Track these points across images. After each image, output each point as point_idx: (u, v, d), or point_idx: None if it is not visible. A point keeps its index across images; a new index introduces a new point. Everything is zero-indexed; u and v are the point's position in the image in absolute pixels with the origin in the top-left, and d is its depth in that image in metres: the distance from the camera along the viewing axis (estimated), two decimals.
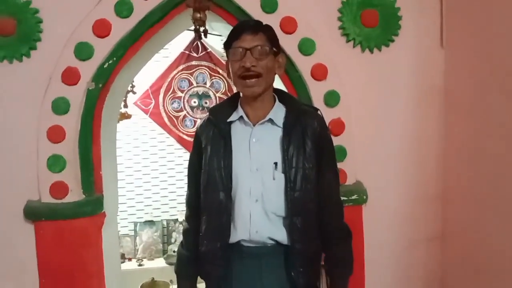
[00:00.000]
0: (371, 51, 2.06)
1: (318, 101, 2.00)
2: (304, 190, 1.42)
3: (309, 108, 1.59)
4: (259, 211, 1.42)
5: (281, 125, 1.45)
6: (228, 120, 1.48)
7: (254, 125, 1.46)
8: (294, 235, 1.42)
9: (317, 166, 1.46)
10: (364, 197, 2.04)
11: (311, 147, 1.45)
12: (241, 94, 1.50)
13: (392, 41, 2.06)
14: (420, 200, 2.15)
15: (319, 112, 1.55)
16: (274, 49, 1.43)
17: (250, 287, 1.45)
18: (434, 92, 2.11)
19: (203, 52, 4.09)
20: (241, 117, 1.47)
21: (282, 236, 1.43)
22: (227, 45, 1.43)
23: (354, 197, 2.01)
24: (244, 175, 1.43)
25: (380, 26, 2.04)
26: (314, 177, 1.45)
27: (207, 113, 1.54)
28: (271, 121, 1.46)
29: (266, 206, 1.42)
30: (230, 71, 1.44)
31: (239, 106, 1.49)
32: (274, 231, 1.43)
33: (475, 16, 1.89)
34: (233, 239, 1.44)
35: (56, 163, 1.90)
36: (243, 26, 1.45)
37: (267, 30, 1.44)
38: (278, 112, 1.48)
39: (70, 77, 1.88)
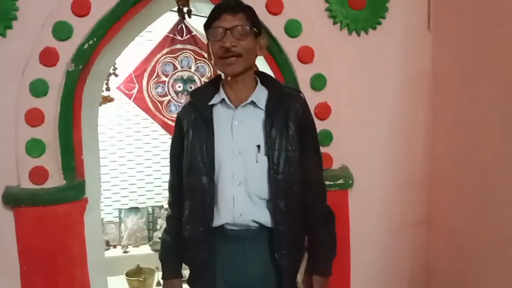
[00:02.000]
0: (358, 34, 2.03)
1: (304, 84, 1.97)
2: (287, 173, 1.42)
3: (292, 90, 1.58)
4: (243, 194, 1.42)
5: (264, 108, 1.45)
6: (210, 103, 1.46)
7: (236, 107, 1.44)
8: (277, 218, 1.42)
9: (300, 149, 1.45)
10: (350, 181, 2.03)
11: (294, 129, 1.44)
12: (222, 76, 1.48)
13: (380, 24, 2.03)
14: (406, 185, 2.15)
15: (301, 94, 1.54)
16: (255, 29, 1.41)
17: (234, 270, 1.45)
18: (421, 75, 2.10)
19: (188, 36, 4.02)
20: (223, 99, 1.46)
21: (265, 218, 1.43)
22: (207, 26, 1.42)
23: (340, 181, 2.00)
24: (227, 158, 1.42)
25: (367, 8, 2.01)
26: (297, 160, 1.45)
27: (189, 97, 1.51)
28: (253, 103, 1.45)
29: (250, 189, 1.41)
30: (211, 52, 1.42)
31: (220, 89, 1.47)
32: (258, 213, 1.43)
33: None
34: (217, 222, 1.43)
35: (35, 147, 1.84)
36: (223, 6, 1.43)
37: (248, 11, 1.42)
38: (260, 94, 1.47)
39: (48, 58, 1.81)
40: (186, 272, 1.53)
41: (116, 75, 3.31)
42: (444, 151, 2.07)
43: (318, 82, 1.99)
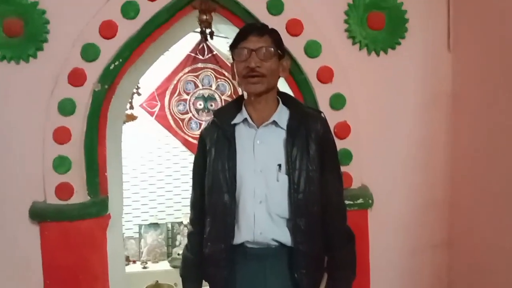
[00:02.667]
0: (378, 54, 2.04)
1: (324, 104, 1.99)
2: (308, 192, 1.43)
3: (313, 111, 1.60)
4: (263, 212, 1.43)
5: (285, 127, 1.47)
6: (233, 122, 1.49)
7: (258, 127, 1.47)
8: (297, 237, 1.43)
9: (321, 169, 1.47)
10: (370, 201, 2.02)
11: (315, 149, 1.46)
12: (245, 96, 1.51)
13: (399, 44, 2.05)
14: (426, 205, 2.13)
15: (322, 115, 1.55)
16: (279, 51, 1.45)
17: None
18: (441, 96, 2.09)
19: (209, 55, 4.11)
20: (245, 119, 1.49)
21: (285, 237, 1.44)
22: (233, 46, 1.46)
23: (359, 201, 2.00)
24: (248, 177, 1.44)
25: (386, 29, 2.03)
26: (317, 180, 1.46)
27: (212, 116, 1.55)
28: (275, 123, 1.47)
29: (270, 207, 1.43)
30: (235, 71, 1.46)
31: (243, 108, 1.51)
32: (278, 232, 1.44)
33: (483, 20, 1.87)
34: (237, 240, 1.45)
35: (61, 164, 1.90)
36: (250, 28, 1.48)
37: (273, 33, 1.47)
38: (282, 114, 1.49)
39: (76, 78, 1.89)
40: None
41: (139, 94, 3.40)
42: (464, 171, 2.04)
43: (337, 102, 2.00)
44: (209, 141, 1.51)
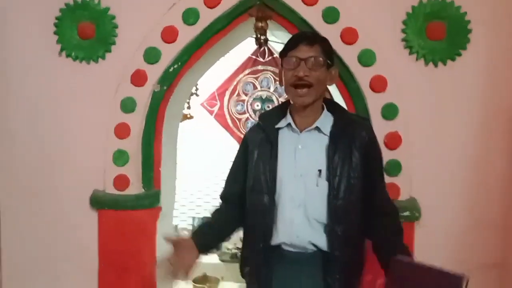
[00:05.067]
0: (435, 65, 1.98)
1: (375, 113, 1.97)
2: (347, 199, 1.43)
3: (358, 118, 1.59)
4: (301, 216, 1.44)
5: (328, 134, 1.48)
6: (276, 127, 1.52)
7: (301, 132, 1.49)
8: (334, 243, 1.43)
9: (365, 177, 1.46)
10: (417, 214, 1.97)
11: (358, 157, 1.46)
12: (291, 102, 1.54)
13: (459, 55, 1.97)
14: (478, 224, 2.03)
15: (368, 123, 1.54)
16: (328, 61, 1.46)
17: None
18: (502, 113, 1.98)
19: (270, 57, 4.18)
20: (289, 124, 1.51)
21: (322, 242, 1.44)
22: (283, 54, 1.48)
23: (406, 213, 1.95)
24: (288, 180, 1.46)
25: (447, 39, 1.96)
26: (359, 188, 1.45)
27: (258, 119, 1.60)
28: (317, 129, 1.48)
29: (308, 212, 1.44)
30: (283, 79, 1.48)
31: (288, 114, 1.53)
32: (315, 237, 1.45)
33: None
34: (275, 241, 1.47)
35: (120, 157, 2.05)
36: (300, 36, 1.50)
37: (323, 43, 1.48)
38: (326, 120, 1.50)
39: (138, 79, 2.03)
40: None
41: (197, 95, 3.54)
42: None
43: (389, 112, 1.97)
44: (252, 143, 1.55)
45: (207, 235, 1.59)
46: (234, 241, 3.60)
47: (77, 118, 2.10)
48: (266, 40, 1.99)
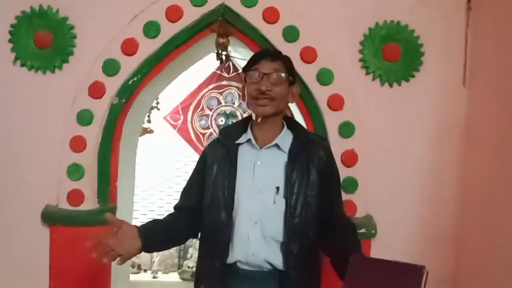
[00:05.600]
0: (391, 85, 2.05)
1: (332, 131, 2.01)
2: (304, 217, 1.44)
3: (317, 137, 1.62)
4: (258, 233, 1.44)
5: (287, 151, 1.49)
6: (237, 142, 1.52)
7: (261, 148, 1.50)
8: (289, 261, 1.43)
9: (322, 196, 1.48)
10: (373, 231, 2.01)
11: (316, 175, 1.47)
12: (253, 117, 1.55)
13: (413, 76, 2.05)
14: (433, 239, 2.09)
15: (326, 142, 1.57)
16: (290, 78, 1.49)
17: None
18: (454, 131, 2.07)
19: (234, 73, 4.21)
20: (249, 139, 1.51)
21: (278, 260, 1.44)
22: (246, 68, 1.51)
23: (362, 230, 1.98)
24: (246, 197, 1.46)
25: (401, 61, 2.04)
26: (315, 206, 1.46)
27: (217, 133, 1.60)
28: (277, 146, 1.50)
29: (265, 229, 1.44)
30: (246, 93, 1.50)
31: (248, 129, 1.54)
32: (271, 255, 1.44)
33: (500, 56, 1.86)
34: (231, 259, 1.46)
35: (75, 171, 1.99)
36: (264, 52, 1.54)
37: (286, 60, 1.52)
38: (285, 138, 1.52)
39: (96, 91, 1.99)
40: None
41: (158, 109, 3.51)
42: (474, 207, 2.00)
43: (346, 130, 2.02)
44: (211, 157, 1.54)
45: (154, 231, 1.49)
46: (195, 259, 3.54)
47: (31, 129, 2.03)
48: (227, 56, 2.00)
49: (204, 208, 1.52)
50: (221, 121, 4.34)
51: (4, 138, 2.03)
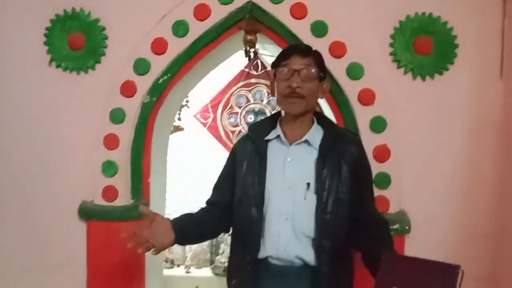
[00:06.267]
0: (423, 79, 2.00)
1: (364, 126, 1.98)
2: (336, 214, 1.43)
3: (348, 132, 1.60)
4: (288, 229, 1.44)
5: (317, 147, 1.47)
6: (266, 138, 1.52)
7: (290, 144, 1.49)
8: (321, 258, 1.42)
9: (354, 192, 1.46)
10: (407, 227, 1.96)
11: (347, 171, 1.46)
12: (282, 114, 1.54)
13: (447, 69, 1.99)
14: (469, 237, 2.03)
15: (357, 138, 1.55)
16: (321, 74, 1.47)
17: None
18: (491, 125, 2.00)
19: (262, 71, 4.21)
20: (279, 136, 1.51)
21: (309, 256, 1.44)
22: (276, 64, 1.49)
23: (395, 226, 1.94)
24: (276, 193, 1.46)
25: (434, 53, 1.98)
26: (347, 202, 1.45)
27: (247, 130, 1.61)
28: (307, 142, 1.49)
29: (296, 225, 1.43)
30: (275, 89, 1.50)
31: (278, 125, 1.54)
32: (302, 251, 1.44)
33: None
34: (262, 254, 1.46)
35: (109, 168, 2.04)
36: (294, 47, 1.53)
37: (316, 55, 1.49)
38: (316, 134, 1.51)
39: (127, 90, 2.03)
40: None
41: (188, 107, 3.55)
42: None
43: (378, 125, 1.98)
44: (241, 154, 1.55)
45: (187, 225, 1.53)
46: (227, 254, 3.57)
47: (66, 128, 2.10)
48: (255, 53, 2.00)
49: (235, 204, 1.53)
50: (250, 118, 4.35)
51: (41, 137, 2.11)
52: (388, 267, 1.24)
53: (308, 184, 1.44)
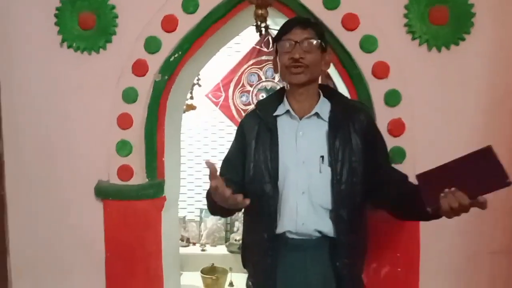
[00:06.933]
0: (439, 50, 1.95)
1: (378, 100, 1.95)
2: (351, 183, 1.45)
3: (355, 102, 1.60)
4: (306, 203, 1.45)
5: (327, 119, 1.48)
6: (275, 114, 1.52)
7: (300, 119, 1.48)
8: (340, 227, 1.45)
9: (367, 160, 1.48)
10: None
11: (358, 140, 1.48)
12: (287, 87, 1.54)
13: (463, 39, 1.93)
14: (485, 211, 2.00)
15: (364, 106, 1.55)
16: (322, 44, 1.48)
17: (294, 277, 1.49)
18: (508, 97, 1.95)
19: (274, 48, 4.16)
20: (288, 111, 1.51)
21: (328, 228, 1.46)
22: (277, 39, 1.50)
23: None
24: (291, 168, 1.47)
25: (450, 23, 1.93)
26: (360, 171, 1.46)
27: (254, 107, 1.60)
28: (317, 115, 1.50)
29: (313, 198, 1.45)
30: (278, 63, 1.51)
31: (285, 100, 1.54)
32: (321, 223, 1.46)
33: None
34: (280, 230, 1.49)
35: (124, 147, 2.06)
36: (294, 20, 1.54)
37: (316, 26, 1.51)
38: (324, 106, 1.52)
39: (139, 69, 2.03)
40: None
41: (199, 85, 3.54)
42: None
43: (392, 98, 1.95)
44: (249, 131, 1.55)
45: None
46: (241, 233, 3.62)
47: (80, 109, 2.11)
48: (267, 28, 1.97)
49: (247, 182, 1.54)
50: (262, 96, 4.32)
51: (55, 118, 2.13)
52: (428, 181, 1.22)
53: (322, 157, 1.45)
